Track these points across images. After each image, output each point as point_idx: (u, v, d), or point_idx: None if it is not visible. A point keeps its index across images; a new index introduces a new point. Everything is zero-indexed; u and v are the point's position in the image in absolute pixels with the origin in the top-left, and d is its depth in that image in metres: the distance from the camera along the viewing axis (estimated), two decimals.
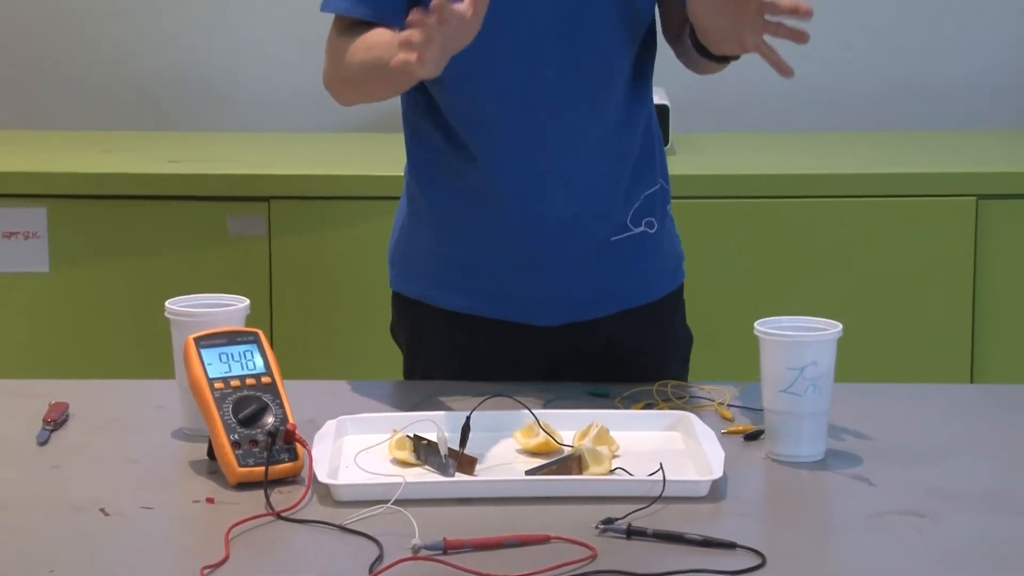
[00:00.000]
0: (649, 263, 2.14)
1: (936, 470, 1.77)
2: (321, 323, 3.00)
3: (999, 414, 2.01)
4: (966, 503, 1.67)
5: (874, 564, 1.54)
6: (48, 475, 1.77)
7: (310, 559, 1.56)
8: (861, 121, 3.50)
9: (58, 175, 3.03)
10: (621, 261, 2.09)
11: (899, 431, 1.90)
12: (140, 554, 1.58)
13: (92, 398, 2.02)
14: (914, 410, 2.01)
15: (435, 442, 1.75)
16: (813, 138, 3.41)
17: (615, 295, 2.11)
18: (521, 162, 2.05)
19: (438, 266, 2.13)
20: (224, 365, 1.76)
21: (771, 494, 1.76)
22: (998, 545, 1.57)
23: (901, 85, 3.52)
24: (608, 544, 1.54)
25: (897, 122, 3.50)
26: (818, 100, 3.50)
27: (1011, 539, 1.58)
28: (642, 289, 2.14)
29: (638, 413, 1.93)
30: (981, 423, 1.97)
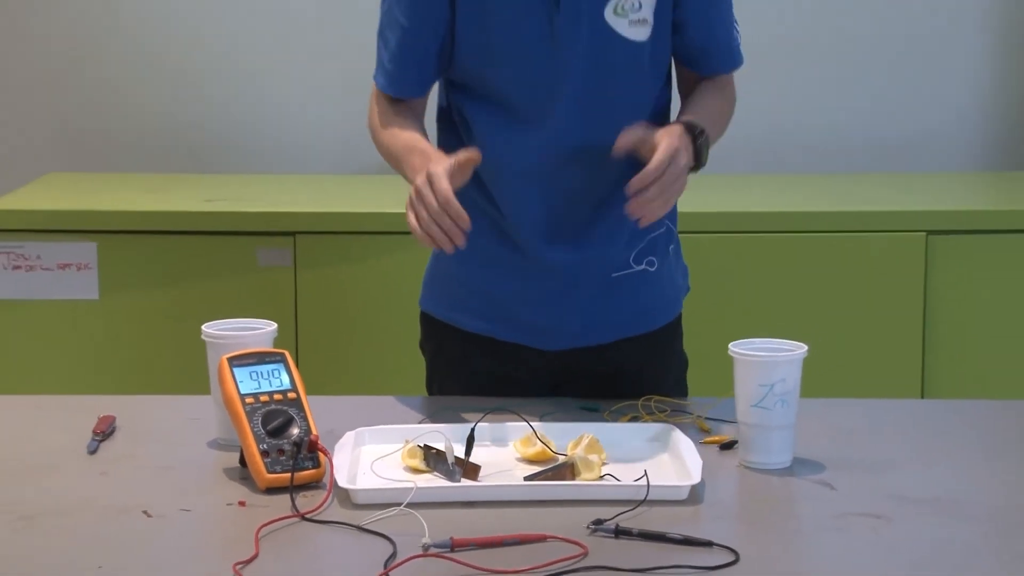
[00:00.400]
0: (647, 298, 2.11)
1: (892, 477, 1.76)
2: (341, 345, 2.99)
3: (948, 427, 2.01)
4: (918, 507, 1.66)
5: (836, 561, 1.54)
6: (97, 481, 1.77)
7: (331, 556, 1.56)
8: (825, 165, 3.49)
9: (107, 213, 3.03)
10: (621, 295, 2.06)
11: (859, 441, 1.90)
12: (179, 552, 1.58)
13: (136, 412, 2.02)
14: (872, 423, 2.00)
15: (443, 451, 1.75)
16: (783, 180, 3.41)
17: (614, 325, 2.09)
18: (537, 214, 2.02)
19: (461, 293, 2.11)
20: (254, 382, 1.76)
21: (744, 498, 1.75)
22: (947, 544, 1.57)
23: (863, 133, 3.52)
24: (598, 543, 1.54)
25: (857, 165, 3.50)
26: (788, 145, 3.50)
27: (958, 539, 1.58)
28: (639, 320, 2.12)
29: (625, 425, 1.92)
30: (931, 434, 1.96)
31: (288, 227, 2.99)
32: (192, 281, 2.98)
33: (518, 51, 2.00)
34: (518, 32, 1.98)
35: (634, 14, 1.97)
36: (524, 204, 2.04)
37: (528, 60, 1.99)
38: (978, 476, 1.79)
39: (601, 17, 1.97)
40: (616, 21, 1.97)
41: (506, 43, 2.00)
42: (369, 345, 2.98)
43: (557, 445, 1.80)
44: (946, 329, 2.98)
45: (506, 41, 2.00)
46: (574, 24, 1.96)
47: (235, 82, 3.53)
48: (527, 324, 2.09)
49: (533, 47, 1.98)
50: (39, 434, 1.93)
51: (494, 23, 1.99)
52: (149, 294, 2.99)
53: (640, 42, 1.99)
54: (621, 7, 1.96)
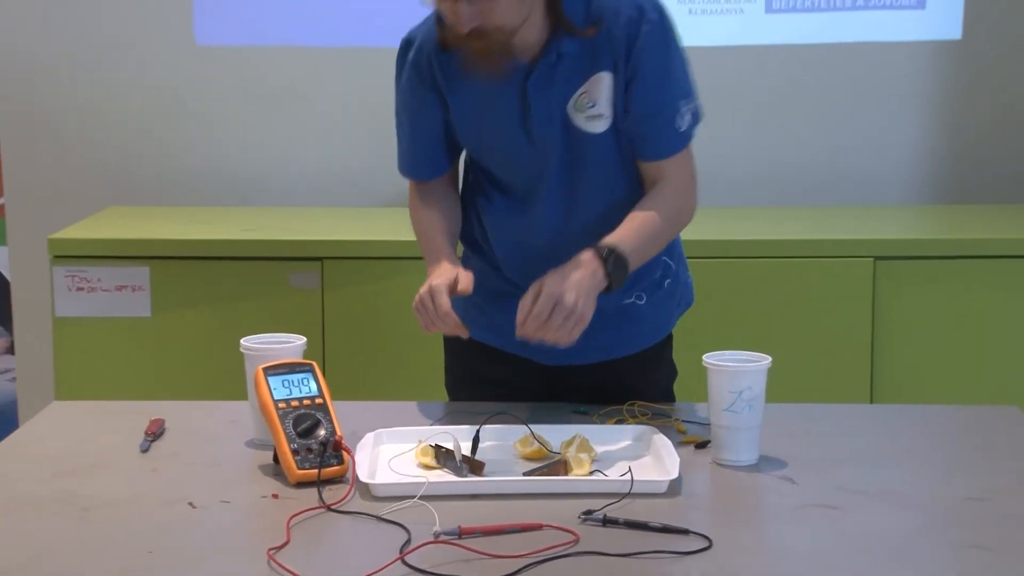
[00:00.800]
0: (634, 325, 2.08)
1: (845, 472, 1.76)
2: (362, 356, 2.99)
3: (893, 429, 2.01)
4: (867, 498, 1.67)
5: (796, 545, 1.55)
6: (148, 476, 1.77)
7: (353, 542, 1.56)
8: (787, 199, 3.50)
9: (158, 241, 3.03)
10: (607, 325, 1.98)
11: (816, 441, 1.89)
12: (220, 539, 1.58)
13: (183, 415, 2.02)
14: (828, 425, 2.00)
15: (452, 450, 1.75)
16: (751, 212, 3.41)
17: (602, 348, 2.04)
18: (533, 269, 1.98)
19: (474, 310, 2.06)
20: (286, 389, 1.76)
21: (716, 491, 1.75)
22: (891, 530, 1.57)
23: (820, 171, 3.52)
24: (588, 531, 1.54)
25: (814, 200, 3.50)
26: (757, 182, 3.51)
27: (901, 525, 1.59)
28: (626, 344, 2.09)
29: (612, 427, 1.92)
30: (879, 435, 1.96)
31: (316, 253, 2.99)
32: (232, 301, 2.98)
33: (501, 146, 1.99)
34: (500, 130, 1.97)
35: (590, 110, 1.93)
36: (521, 265, 2.03)
37: (511, 154, 1.99)
38: (919, 471, 1.79)
39: (566, 114, 1.93)
40: (576, 116, 1.93)
41: (491, 139, 2.00)
42: (387, 357, 2.97)
43: (552, 444, 1.80)
44: (891, 343, 2.97)
45: (490, 137, 2.00)
46: (545, 123, 1.93)
47: (269, 126, 3.54)
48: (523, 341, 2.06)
49: (513, 143, 1.96)
50: (98, 435, 1.93)
51: (479, 123, 1.99)
52: (195, 312, 2.99)
53: (598, 134, 1.94)
54: (579, 103, 1.93)
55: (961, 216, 3.37)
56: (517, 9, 1.84)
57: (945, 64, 3.51)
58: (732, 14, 3.47)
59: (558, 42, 1.90)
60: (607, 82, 1.91)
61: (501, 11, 1.83)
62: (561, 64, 1.90)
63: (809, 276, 2.98)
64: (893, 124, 3.52)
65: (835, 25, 3.46)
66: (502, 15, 1.83)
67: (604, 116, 1.93)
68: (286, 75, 3.53)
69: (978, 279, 2.97)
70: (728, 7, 3.45)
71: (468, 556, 1.46)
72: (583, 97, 1.92)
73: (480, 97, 1.95)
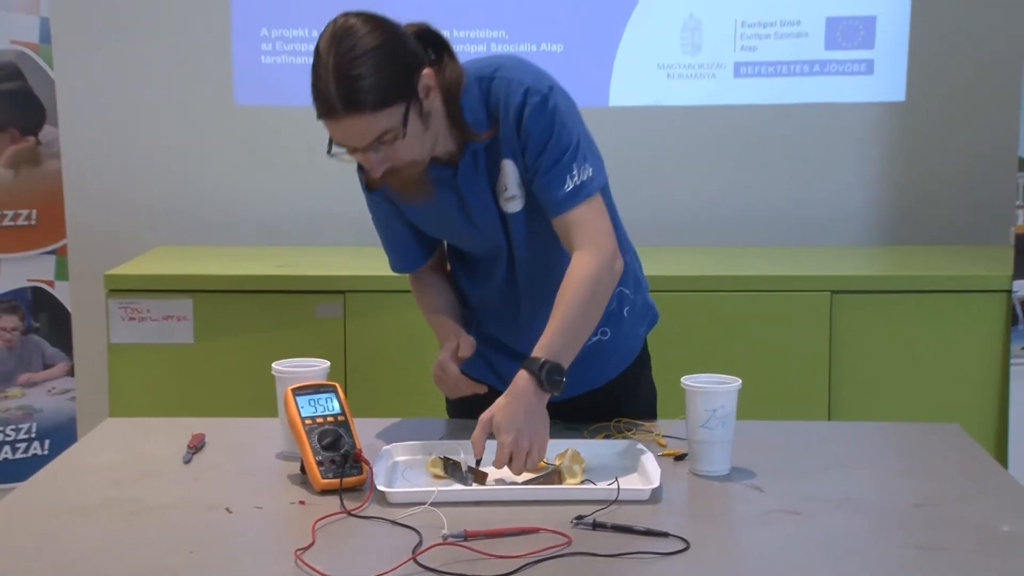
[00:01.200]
0: (603, 357, 2.03)
1: (807, 482, 1.76)
2: (379, 378, 2.98)
3: (850, 444, 2.00)
4: (827, 505, 1.66)
5: (764, 547, 1.54)
6: (190, 484, 1.76)
7: (371, 543, 1.55)
8: (753, 239, 3.51)
9: (200, 276, 3.03)
10: (582, 361, 1.88)
11: (781, 454, 1.89)
12: (253, 540, 1.58)
13: (221, 430, 2.01)
14: (792, 440, 1.99)
15: (459, 462, 1.75)
16: (724, 251, 3.42)
17: (583, 382, 1.97)
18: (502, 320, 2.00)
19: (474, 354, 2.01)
20: (312, 407, 1.75)
21: (692, 498, 1.74)
22: (848, 533, 1.57)
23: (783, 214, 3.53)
24: (580, 534, 1.54)
25: (778, 240, 3.51)
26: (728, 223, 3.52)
27: (857, 529, 1.58)
28: (598, 375, 2.04)
29: (600, 442, 1.91)
30: (837, 449, 1.95)
31: (339, 287, 2.99)
32: (265, 329, 2.97)
33: (455, 234, 1.99)
34: (450, 223, 1.94)
35: (505, 194, 1.89)
36: (494, 317, 2.02)
37: (463, 238, 1.98)
38: (871, 481, 1.79)
39: (494, 200, 1.90)
40: (500, 200, 1.90)
41: (446, 231, 2.00)
42: (401, 378, 2.97)
43: (547, 457, 1.79)
44: (847, 367, 2.97)
45: (445, 230, 2.00)
46: (483, 211, 1.91)
47: (298, 175, 3.54)
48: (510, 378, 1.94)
49: (462, 230, 1.95)
50: (146, 448, 1.93)
51: (433, 222, 1.98)
52: (232, 339, 2.99)
53: (517, 212, 1.90)
54: (498, 190, 1.89)
55: (906, 255, 3.38)
56: (420, 144, 1.78)
57: (891, 122, 3.53)
58: (705, 78, 3.49)
59: (469, 145, 1.86)
60: (511, 167, 1.87)
61: (406, 151, 1.77)
62: (477, 161, 1.88)
63: (774, 308, 2.98)
64: (846, 174, 3.53)
65: (794, 88, 3.48)
66: (408, 153, 1.77)
67: (517, 197, 1.89)
68: (313, 131, 3.53)
69: (923, 311, 2.98)
70: (702, 72, 3.47)
71: (473, 556, 1.46)
72: (499, 186, 1.89)
73: (426, 203, 1.92)
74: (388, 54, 1.72)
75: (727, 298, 2.99)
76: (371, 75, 1.70)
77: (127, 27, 3.50)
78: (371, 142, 1.75)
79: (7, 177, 2.96)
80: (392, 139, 1.75)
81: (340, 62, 1.71)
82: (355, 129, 1.74)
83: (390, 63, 1.72)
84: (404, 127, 1.74)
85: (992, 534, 1.56)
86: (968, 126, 3.49)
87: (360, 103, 1.71)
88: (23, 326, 3.02)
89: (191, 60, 3.51)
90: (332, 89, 1.71)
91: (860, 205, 3.53)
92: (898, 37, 3.45)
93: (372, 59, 1.71)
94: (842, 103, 3.49)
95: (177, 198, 3.56)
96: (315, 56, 1.75)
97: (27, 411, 3.03)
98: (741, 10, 3.45)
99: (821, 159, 3.52)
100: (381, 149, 1.76)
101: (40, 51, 2.97)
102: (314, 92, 1.75)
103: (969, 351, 2.97)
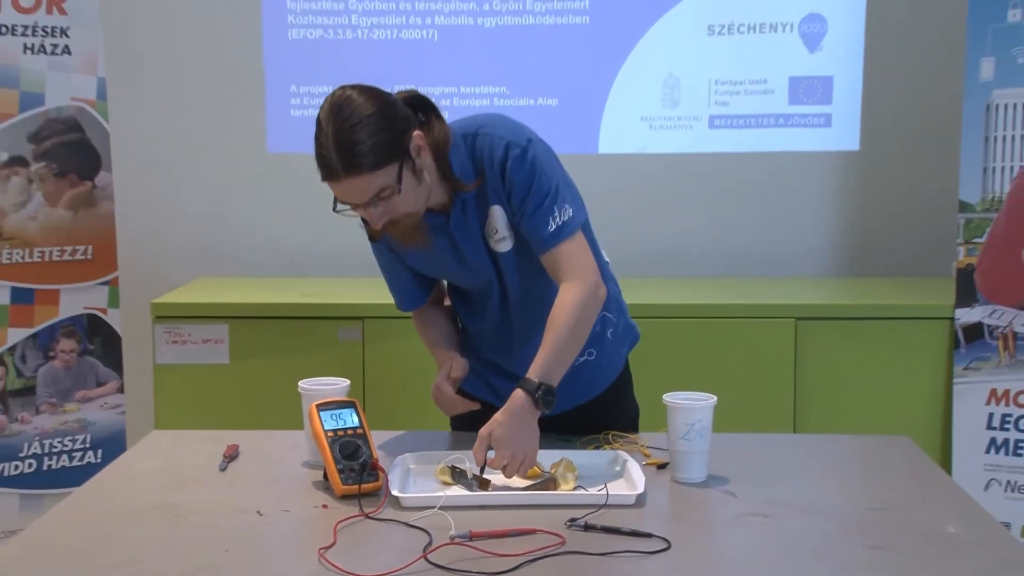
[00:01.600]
0: (591, 374, 2.03)
1: (775, 488, 1.75)
2: (395, 395, 2.97)
3: (814, 454, 2.00)
4: (793, 509, 1.66)
5: (737, 546, 1.54)
6: (225, 490, 1.76)
7: (387, 543, 1.55)
8: (725, 271, 3.51)
9: (235, 304, 3.03)
10: (571, 379, 1.89)
11: (752, 463, 1.88)
12: (281, 541, 1.56)
13: (254, 442, 2.01)
14: (762, 451, 1.98)
15: (465, 470, 1.74)
16: (698, 282, 3.42)
17: (571, 397, 1.98)
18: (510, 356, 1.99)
19: (471, 376, 2.02)
20: (334, 421, 1.75)
21: (673, 503, 1.73)
22: (813, 534, 1.56)
23: (752, 249, 3.53)
24: (573, 534, 1.54)
25: (748, 272, 3.51)
26: (703, 257, 3.52)
27: (821, 531, 1.58)
28: (591, 389, 2.04)
29: (591, 452, 1.91)
30: (802, 459, 1.95)
31: (358, 314, 2.98)
32: (292, 351, 2.97)
33: (449, 274, 1.99)
34: (445, 266, 1.94)
35: (495, 235, 1.89)
36: (490, 344, 2.02)
37: (458, 277, 1.98)
38: (832, 487, 1.78)
39: (483, 242, 1.91)
40: (490, 242, 1.90)
41: (443, 272, 2.00)
42: (414, 395, 2.95)
43: (543, 466, 1.79)
44: (810, 385, 2.97)
45: (442, 271, 2.00)
46: (474, 254, 1.91)
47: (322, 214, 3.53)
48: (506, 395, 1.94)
49: (456, 270, 1.95)
50: (187, 457, 1.93)
51: (430, 265, 1.98)
52: (263, 360, 2.98)
53: (507, 251, 1.90)
54: (487, 232, 1.89)
55: (862, 286, 3.37)
56: (415, 197, 1.79)
57: (847, 169, 3.53)
58: (683, 129, 3.50)
59: (459, 195, 1.86)
60: (499, 212, 1.87)
61: (402, 204, 1.77)
62: (467, 208, 1.88)
63: (745, 333, 2.97)
64: (808, 214, 3.53)
65: (762, 139, 3.48)
66: (404, 206, 1.77)
67: (507, 238, 1.89)
68: None
69: (877, 335, 2.97)
70: (680, 124, 3.49)
71: (477, 555, 1.45)
72: (488, 228, 1.89)
73: (424, 249, 1.92)
74: (381, 120, 1.73)
75: (704, 324, 2.98)
76: (367, 140, 1.71)
77: (173, 85, 3.52)
78: (370, 199, 1.75)
79: (67, 217, 2.97)
80: (389, 195, 1.75)
81: (339, 130, 1.72)
82: (355, 188, 1.74)
83: (384, 128, 1.73)
84: (399, 183, 1.75)
85: (939, 535, 1.55)
86: (915, 172, 3.50)
87: (358, 165, 1.72)
88: (80, 348, 3.02)
89: (228, 113, 3.52)
90: (333, 154, 1.72)
91: (820, 242, 3.54)
92: (852, 94, 3.47)
93: (367, 126, 1.71)
94: (804, 151, 3.49)
95: (215, 235, 3.56)
96: (317, 126, 1.76)
97: (82, 424, 3.02)
98: (715, 70, 3.47)
99: (786, 201, 3.53)
100: (380, 204, 1.77)
101: (97, 107, 2.98)
102: (317, 158, 1.76)
103: (917, 372, 2.97)
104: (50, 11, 2.88)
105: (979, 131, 2.91)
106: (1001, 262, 2.92)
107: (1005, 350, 2.92)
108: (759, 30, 3.45)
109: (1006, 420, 2.92)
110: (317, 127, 1.76)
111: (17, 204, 2.91)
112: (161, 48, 3.51)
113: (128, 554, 1.49)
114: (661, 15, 3.45)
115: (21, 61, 2.86)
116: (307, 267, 3.56)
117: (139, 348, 3.28)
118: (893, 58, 3.46)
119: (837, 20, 3.45)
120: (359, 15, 3.48)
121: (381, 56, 3.47)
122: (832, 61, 3.46)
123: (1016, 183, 2.90)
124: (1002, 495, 2.92)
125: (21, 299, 2.92)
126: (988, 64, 2.89)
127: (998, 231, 2.92)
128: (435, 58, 3.47)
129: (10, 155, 2.89)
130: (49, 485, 2.96)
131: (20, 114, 2.88)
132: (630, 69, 3.45)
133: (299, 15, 3.48)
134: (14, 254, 2.91)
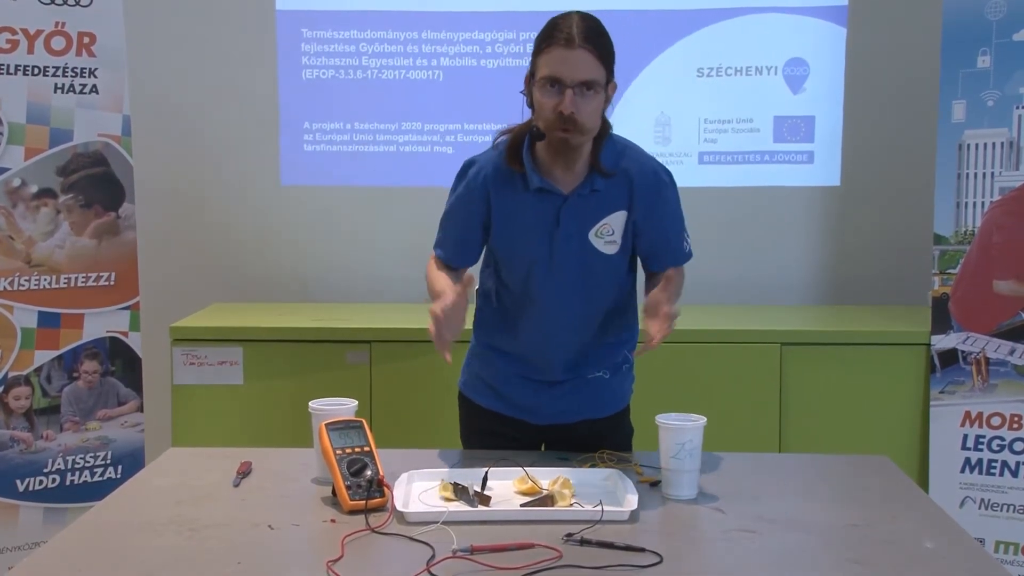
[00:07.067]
0: (601, 394, 2.06)
1: (761, 504, 1.75)
2: (400, 415, 2.97)
3: (797, 472, 1.99)
4: (778, 524, 1.65)
5: (726, 560, 1.53)
6: (238, 505, 1.75)
7: (392, 556, 1.54)
8: (710, 298, 3.51)
9: (249, 328, 3.02)
10: (582, 391, 1.97)
11: (740, 481, 1.88)
12: (292, 553, 1.56)
13: (266, 459, 2.01)
14: (748, 469, 1.98)
15: (466, 486, 1.74)
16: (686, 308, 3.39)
17: (578, 411, 2.03)
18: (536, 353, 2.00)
19: (480, 382, 2.07)
20: (342, 440, 1.75)
21: (665, 519, 1.72)
22: (797, 549, 1.56)
23: (739, 278, 3.54)
24: (569, 549, 1.53)
25: (735, 299, 3.52)
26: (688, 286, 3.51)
27: (802, 545, 1.58)
28: (597, 407, 2.07)
29: (587, 470, 1.90)
30: (787, 477, 1.94)
31: (366, 337, 2.98)
32: (303, 372, 2.97)
33: (527, 255, 1.97)
34: (527, 241, 1.94)
35: (608, 237, 1.93)
36: (538, 350, 2.02)
37: (533, 262, 1.97)
38: (814, 504, 1.78)
39: (587, 238, 1.93)
40: (596, 241, 1.93)
41: (520, 249, 1.98)
42: (418, 415, 2.95)
43: (542, 483, 1.78)
44: (795, 408, 2.97)
45: (520, 247, 1.97)
46: (565, 240, 1.92)
47: (333, 243, 3.57)
48: (522, 405, 2.06)
49: (538, 254, 1.95)
50: (202, 473, 1.92)
51: (513, 234, 1.96)
52: (275, 381, 2.98)
53: (611, 255, 1.96)
54: (600, 232, 1.93)
55: (843, 314, 3.38)
56: (596, 116, 1.86)
57: (828, 203, 3.55)
58: (674, 164, 3.43)
59: (592, 180, 1.91)
60: (623, 218, 1.93)
61: (589, 112, 1.84)
62: (592, 198, 1.91)
63: (733, 357, 2.98)
64: (792, 246, 3.55)
65: (748, 174, 3.50)
66: (588, 116, 1.84)
67: (618, 243, 1.95)
68: (347, 206, 3.57)
69: (857, 360, 2.97)
70: (671, 160, 3.50)
71: (478, 568, 1.45)
72: (604, 227, 1.93)
73: (521, 210, 1.92)
74: (612, 47, 1.86)
75: (694, 349, 2.99)
76: (606, 38, 1.84)
77: (192, 122, 3.54)
78: (584, 79, 1.81)
79: (91, 246, 2.98)
80: (592, 92, 1.82)
81: (586, 19, 1.83)
82: (582, 63, 1.80)
83: (612, 51, 1.86)
84: (604, 88, 1.84)
85: (917, 550, 1.55)
86: (892, 206, 3.52)
87: (596, 46, 1.81)
88: (102, 370, 3.02)
89: (244, 148, 3.54)
90: (575, 29, 1.81)
91: (804, 271, 3.55)
92: (833, 133, 3.49)
93: (607, 36, 1.85)
94: (788, 186, 3.51)
95: (231, 262, 3.57)
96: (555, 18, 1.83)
97: (103, 441, 3.02)
98: (704, 109, 3.49)
99: (771, 232, 3.54)
100: (585, 94, 1.82)
101: (122, 142, 3.00)
102: (550, 31, 1.83)
103: (896, 395, 2.97)
104: (79, 53, 2.91)
105: (952, 169, 2.93)
106: (974, 291, 2.93)
107: (978, 375, 2.92)
108: (745, 72, 3.47)
109: (980, 441, 2.91)
110: (556, 18, 1.83)
111: (45, 233, 2.92)
112: (182, 88, 3.53)
113: (145, 565, 1.48)
114: (653, 58, 3.48)
115: (52, 100, 2.88)
116: (317, 293, 3.56)
117: (158, 369, 3.28)
118: (871, 100, 3.49)
119: (819, 64, 3.47)
120: (369, 56, 3.51)
121: (390, 95, 3.50)
122: (814, 102, 3.48)
123: (987, 217, 2.91)
124: (976, 512, 2.91)
125: (48, 323, 2.93)
126: (960, 107, 2.92)
127: (970, 262, 2.93)
128: (440, 97, 3.49)
129: (40, 187, 2.91)
130: (71, 499, 2.95)
131: (50, 149, 2.90)
132: (624, 108, 3.48)
133: (312, 56, 3.51)
134: (42, 280, 2.92)
